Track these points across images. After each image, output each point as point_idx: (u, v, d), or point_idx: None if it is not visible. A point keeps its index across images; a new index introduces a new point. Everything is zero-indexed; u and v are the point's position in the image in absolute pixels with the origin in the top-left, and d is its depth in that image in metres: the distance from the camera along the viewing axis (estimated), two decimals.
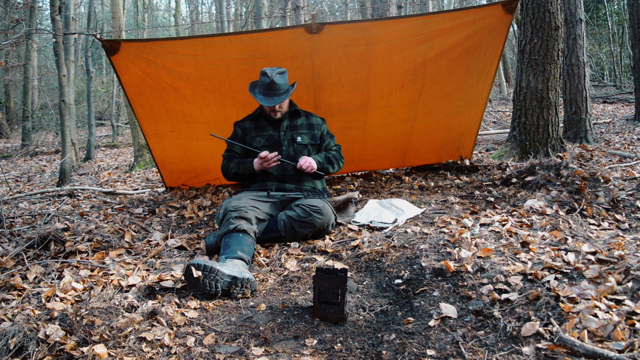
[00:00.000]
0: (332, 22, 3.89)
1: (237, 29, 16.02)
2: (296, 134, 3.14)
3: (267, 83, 3.00)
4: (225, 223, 2.64)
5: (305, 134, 3.17)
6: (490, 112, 11.02)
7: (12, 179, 6.99)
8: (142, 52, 3.61)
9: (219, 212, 2.75)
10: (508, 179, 3.70)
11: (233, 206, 2.71)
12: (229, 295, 2.18)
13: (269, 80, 2.99)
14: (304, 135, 3.16)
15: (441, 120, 4.33)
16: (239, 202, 2.78)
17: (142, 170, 7.02)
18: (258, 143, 3.09)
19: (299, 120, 3.21)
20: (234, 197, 2.93)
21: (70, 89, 7.33)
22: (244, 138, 3.14)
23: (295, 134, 3.14)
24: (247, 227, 2.61)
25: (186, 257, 2.77)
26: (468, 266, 2.11)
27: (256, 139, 3.11)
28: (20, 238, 2.92)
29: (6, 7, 12.77)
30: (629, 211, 2.87)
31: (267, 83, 3.00)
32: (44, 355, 1.62)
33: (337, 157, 3.25)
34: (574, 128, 6.29)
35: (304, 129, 3.19)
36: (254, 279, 2.24)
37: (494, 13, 3.76)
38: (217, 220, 2.77)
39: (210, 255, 2.75)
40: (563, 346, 1.45)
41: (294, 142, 3.11)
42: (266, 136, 3.11)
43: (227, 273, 2.17)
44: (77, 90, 13.95)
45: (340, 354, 1.71)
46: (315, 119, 3.28)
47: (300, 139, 3.14)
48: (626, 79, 14.61)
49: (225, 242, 2.54)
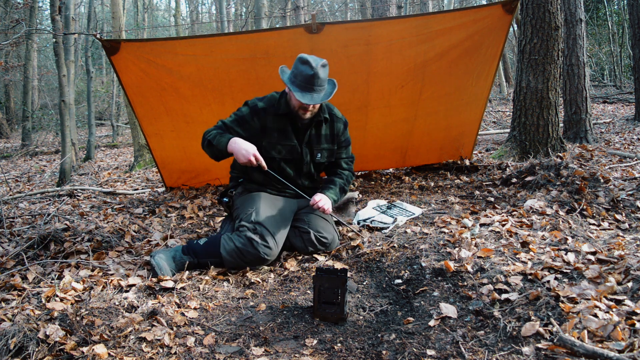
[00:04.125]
0: (332, 22, 3.89)
1: (237, 29, 16.02)
2: (317, 150, 2.69)
3: (308, 75, 2.42)
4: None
5: (326, 150, 2.72)
6: (490, 112, 11.02)
7: (12, 179, 6.99)
8: (142, 52, 3.61)
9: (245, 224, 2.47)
10: (508, 179, 3.70)
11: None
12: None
13: (312, 73, 2.42)
14: (324, 151, 2.72)
15: (441, 120, 4.33)
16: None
17: (142, 170, 7.02)
18: (277, 153, 2.60)
19: (323, 129, 2.70)
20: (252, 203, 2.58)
21: (70, 89, 7.33)
22: (261, 136, 2.59)
23: (316, 150, 2.69)
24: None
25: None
26: (468, 266, 2.11)
27: (277, 147, 2.60)
28: (20, 238, 2.92)
29: (6, 7, 12.78)
30: (629, 211, 2.87)
31: (309, 76, 2.42)
32: (44, 355, 1.62)
33: (349, 181, 2.84)
34: (574, 128, 6.29)
35: (326, 143, 2.72)
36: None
37: (494, 13, 3.76)
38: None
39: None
40: (563, 346, 1.45)
41: (313, 160, 2.70)
42: (288, 147, 2.62)
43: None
44: (77, 90, 13.95)
45: (340, 354, 1.71)
46: (338, 125, 2.75)
47: (319, 156, 2.70)
48: (626, 79, 14.60)
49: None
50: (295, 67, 2.49)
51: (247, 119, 2.59)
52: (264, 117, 2.59)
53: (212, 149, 2.52)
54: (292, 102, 2.54)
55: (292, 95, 2.50)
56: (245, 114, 2.60)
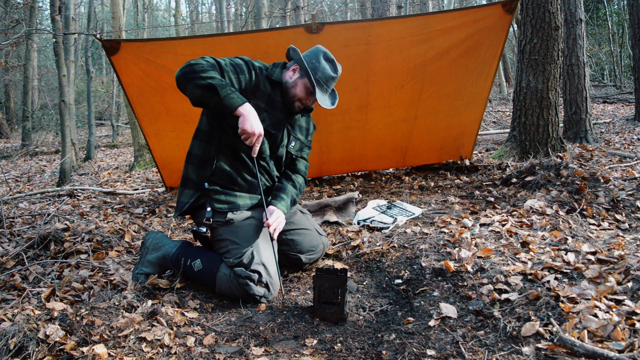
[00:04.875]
0: (332, 22, 3.89)
1: (237, 29, 16.03)
2: (293, 137, 2.39)
3: (329, 76, 2.22)
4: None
5: (299, 141, 2.43)
6: (490, 112, 11.02)
7: (12, 179, 6.99)
8: (142, 52, 3.61)
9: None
10: (508, 179, 3.70)
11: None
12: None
13: (335, 75, 2.24)
14: (297, 142, 2.42)
15: (441, 120, 4.33)
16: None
17: (142, 170, 7.02)
18: (262, 121, 2.13)
19: (304, 120, 2.46)
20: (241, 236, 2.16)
21: (70, 89, 7.33)
22: (250, 96, 2.17)
23: (293, 137, 2.38)
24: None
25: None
26: (468, 266, 2.10)
27: (263, 114, 2.19)
28: (20, 238, 2.92)
29: (6, 7, 12.77)
30: (629, 211, 2.87)
31: (331, 77, 2.23)
32: (44, 355, 1.62)
33: (301, 191, 2.45)
34: (574, 128, 6.29)
35: (301, 134, 2.44)
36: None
37: (494, 13, 3.76)
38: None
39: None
40: (563, 346, 1.45)
41: (287, 147, 2.37)
42: (274, 119, 2.25)
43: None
44: (77, 90, 13.96)
45: (340, 354, 1.71)
46: (312, 122, 2.54)
47: (292, 144, 2.39)
48: (626, 79, 14.61)
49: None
50: (315, 58, 2.22)
51: (243, 68, 2.18)
52: (259, 75, 2.23)
53: (205, 92, 1.99)
54: (295, 89, 2.23)
55: (300, 84, 2.22)
56: (242, 64, 2.20)
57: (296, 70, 2.26)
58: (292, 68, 2.27)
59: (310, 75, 2.18)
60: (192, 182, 2.26)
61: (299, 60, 2.22)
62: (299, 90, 2.23)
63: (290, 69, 2.27)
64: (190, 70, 2.01)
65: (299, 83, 2.23)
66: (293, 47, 2.29)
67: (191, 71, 2.00)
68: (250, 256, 2.11)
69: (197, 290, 2.25)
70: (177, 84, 2.05)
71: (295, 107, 2.27)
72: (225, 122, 2.18)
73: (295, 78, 2.24)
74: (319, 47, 2.27)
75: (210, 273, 2.16)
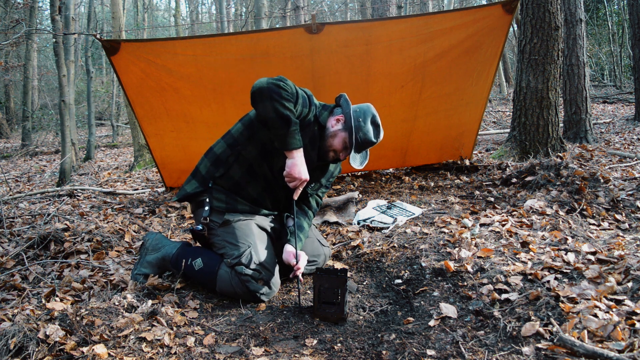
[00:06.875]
0: (332, 22, 3.89)
1: (237, 29, 16.02)
2: (314, 178, 2.34)
3: (370, 141, 2.20)
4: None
5: (318, 183, 2.42)
6: (490, 112, 11.02)
7: (12, 179, 6.99)
8: (142, 52, 3.61)
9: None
10: (508, 179, 3.70)
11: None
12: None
13: (375, 142, 2.22)
14: (316, 184, 2.41)
15: (441, 120, 4.33)
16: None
17: (142, 170, 7.02)
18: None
19: (332, 165, 2.43)
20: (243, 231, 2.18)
21: (70, 89, 7.33)
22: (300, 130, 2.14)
23: (313, 178, 2.34)
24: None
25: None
26: (468, 266, 2.11)
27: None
28: (20, 238, 2.92)
29: (6, 7, 12.78)
30: (629, 211, 2.87)
31: (371, 141, 2.21)
32: (44, 355, 1.62)
33: (309, 227, 2.44)
34: (574, 128, 6.29)
35: (326, 177, 2.44)
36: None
37: (494, 13, 3.77)
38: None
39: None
40: (563, 346, 1.45)
41: (308, 185, 2.33)
42: (308, 159, 2.19)
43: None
44: (77, 90, 13.96)
45: (340, 354, 1.71)
46: (339, 170, 2.53)
47: (312, 185, 2.37)
48: (626, 79, 14.61)
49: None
50: (363, 117, 2.19)
51: (306, 102, 2.13)
52: (311, 113, 2.20)
53: (278, 119, 1.98)
54: (333, 139, 2.21)
55: (339, 136, 2.20)
56: (306, 98, 2.15)
57: (340, 121, 2.23)
58: (337, 117, 2.24)
59: (352, 133, 2.14)
60: (201, 176, 2.28)
61: (347, 114, 2.20)
62: (336, 142, 2.21)
63: (335, 117, 2.24)
64: (277, 92, 1.97)
65: (338, 135, 2.20)
66: (345, 97, 2.27)
67: (278, 93, 1.97)
68: (249, 256, 2.12)
69: (197, 290, 2.25)
70: (256, 92, 2.00)
71: (329, 156, 2.25)
72: (257, 136, 2.17)
73: (337, 129, 2.21)
74: (370, 107, 2.24)
75: (211, 271, 2.16)
